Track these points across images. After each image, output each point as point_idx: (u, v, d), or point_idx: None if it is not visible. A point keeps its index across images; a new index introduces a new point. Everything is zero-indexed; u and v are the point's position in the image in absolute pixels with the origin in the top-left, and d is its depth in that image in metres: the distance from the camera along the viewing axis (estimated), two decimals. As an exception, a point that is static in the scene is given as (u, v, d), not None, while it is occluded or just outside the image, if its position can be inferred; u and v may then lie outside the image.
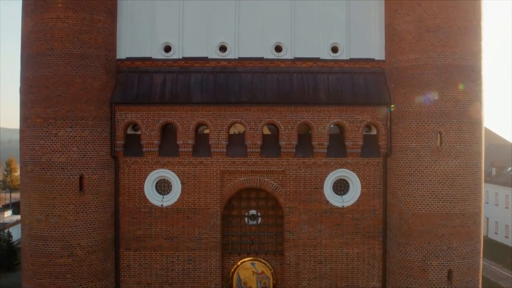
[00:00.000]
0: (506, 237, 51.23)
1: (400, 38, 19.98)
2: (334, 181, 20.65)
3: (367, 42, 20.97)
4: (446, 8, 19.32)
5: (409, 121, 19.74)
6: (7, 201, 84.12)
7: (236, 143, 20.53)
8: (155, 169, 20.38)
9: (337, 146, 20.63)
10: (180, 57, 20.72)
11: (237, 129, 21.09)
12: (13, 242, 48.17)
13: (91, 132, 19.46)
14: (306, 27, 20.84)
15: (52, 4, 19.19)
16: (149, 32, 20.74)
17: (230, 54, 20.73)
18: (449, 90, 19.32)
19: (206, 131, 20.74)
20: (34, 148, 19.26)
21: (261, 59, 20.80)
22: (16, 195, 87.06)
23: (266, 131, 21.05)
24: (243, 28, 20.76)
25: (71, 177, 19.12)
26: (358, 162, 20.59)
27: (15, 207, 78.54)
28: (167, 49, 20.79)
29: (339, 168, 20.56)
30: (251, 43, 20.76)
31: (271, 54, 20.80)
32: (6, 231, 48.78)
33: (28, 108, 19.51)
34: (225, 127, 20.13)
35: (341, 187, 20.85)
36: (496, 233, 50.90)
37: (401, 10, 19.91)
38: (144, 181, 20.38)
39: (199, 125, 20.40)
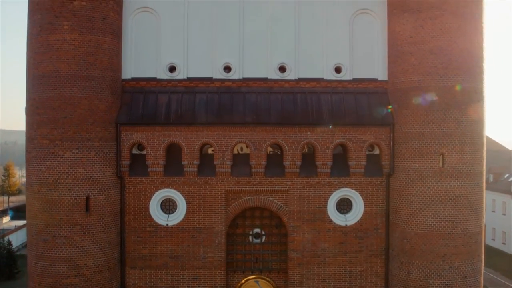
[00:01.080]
0: (503, 243, 51.78)
1: (403, 59, 20.23)
2: (337, 200, 20.91)
3: (370, 62, 21.22)
4: (449, 31, 19.58)
5: (412, 142, 20.00)
6: (5, 206, 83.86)
7: (240, 162, 20.73)
8: (160, 189, 20.55)
9: (341, 166, 20.87)
10: (185, 77, 20.91)
11: (240, 145, 21.28)
12: (13, 249, 48.23)
13: (97, 153, 19.61)
14: (310, 47, 21.07)
15: (58, 26, 19.31)
16: (154, 52, 20.90)
17: (234, 75, 20.94)
18: (451, 112, 19.59)
19: (211, 150, 20.96)
20: (40, 169, 19.39)
21: (265, 79, 21.03)
22: (13, 199, 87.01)
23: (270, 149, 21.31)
24: (248, 49, 20.98)
25: (77, 198, 19.28)
26: (361, 182, 20.84)
27: (14, 212, 78.49)
28: (172, 69, 20.96)
29: (343, 187, 20.80)
30: (255, 64, 20.97)
31: (275, 75, 21.03)
32: (6, 238, 48.77)
33: (34, 129, 19.64)
34: (230, 147, 20.33)
35: (344, 205, 21.10)
36: (493, 239, 51.38)
37: (404, 32, 20.16)
38: (150, 201, 20.55)
39: (204, 145, 20.63)
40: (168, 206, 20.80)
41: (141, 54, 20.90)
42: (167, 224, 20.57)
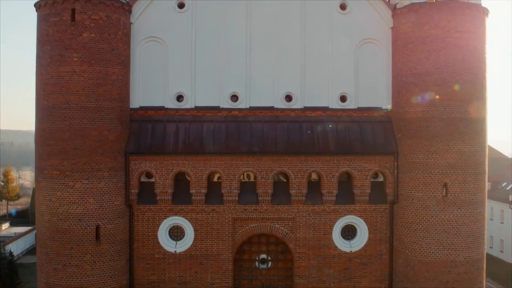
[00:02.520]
0: (501, 251, 52.39)
1: (408, 90, 20.59)
2: (342, 226, 21.28)
3: (374, 91, 21.60)
4: (452, 63, 19.93)
5: (416, 171, 20.39)
6: (4, 212, 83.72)
7: (247, 190, 21.07)
8: (168, 216, 20.89)
9: (345, 193, 21.24)
10: (193, 106, 21.23)
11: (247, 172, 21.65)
12: (14, 259, 48.28)
13: (107, 183, 19.91)
14: (316, 77, 21.41)
15: (67, 58, 19.56)
16: (162, 81, 21.19)
17: (241, 104, 21.28)
18: (454, 143, 19.98)
19: (218, 177, 21.28)
20: (51, 200, 19.69)
21: (271, 108, 21.36)
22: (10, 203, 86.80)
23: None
24: (254, 78, 21.30)
25: (87, 227, 19.59)
26: (365, 209, 21.24)
27: (12, 217, 78.39)
28: (180, 98, 21.27)
29: (347, 214, 21.19)
30: (262, 93, 21.31)
31: (282, 104, 21.37)
32: (7, 248, 48.73)
33: (44, 159, 19.92)
34: (237, 176, 20.67)
35: (349, 232, 21.49)
36: (491, 247, 51.86)
37: (408, 63, 20.51)
38: (158, 228, 20.89)
39: (211, 173, 20.96)
40: (176, 233, 21.15)
41: (149, 83, 21.19)
42: (175, 251, 20.91)
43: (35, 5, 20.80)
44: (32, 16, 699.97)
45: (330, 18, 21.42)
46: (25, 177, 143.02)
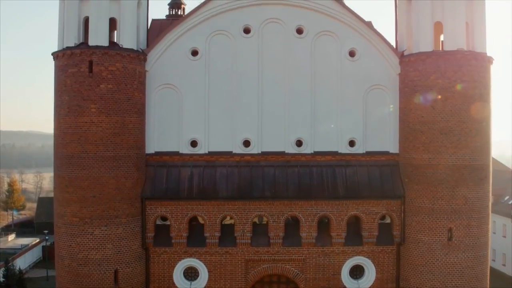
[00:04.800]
0: (503, 265, 53.16)
1: (414, 137, 21.25)
2: (351, 267, 22.00)
3: (382, 136, 22.28)
4: (458, 112, 20.59)
5: (422, 216, 21.09)
6: (9, 222, 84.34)
7: (259, 232, 21.80)
8: (183, 258, 21.63)
9: (354, 235, 21.96)
10: (206, 152, 21.92)
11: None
12: (22, 272, 48.92)
13: (124, 229, 20.65)
14: (325, 122, 22.11)
15: (85, 108, 20.25)
16: (176, 127, 21.87)
17: (253, 149, 21.97)
18: (459, 189, 20.66)
19: (230, 218, 22.00)
20: (70, 245, 20.44)
21: (282, 153, 22.05)
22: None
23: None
24: (266, 124, 21.98)
25: (106, 272, 20.34)
26: (373, 250, 21.97)
27: (18, 228, 79.03)
28: (194, 143, 21.93)
29: (356, 255, 21.92)
30: (273, 138, 21.99)
31: (292, 149, 22.04)
32: (17, 266, 49.25)
33: (63, 206, 20.64)
34: (249, 220, 21.41)
35: (357, 272, 22.22)
36: (493, 260, 52.59)
37: (415, 111, 21.16)
38: (173, 269, 21.63)
39: (225, 217, 21.70)
40: (190, 274, 21.89)
41: (164, 128, 21.86)
42: (190, 291, 21.74)
43: (52, 54, 21.46)
44: (32, 17, 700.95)
45: (339, 65, 22.11)
46: (28, 181, 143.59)
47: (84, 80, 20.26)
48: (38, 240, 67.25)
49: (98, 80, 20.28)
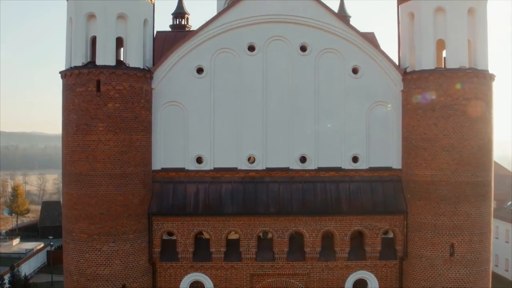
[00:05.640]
0: (506, 270, 53.36)
1: (417, 153, 21.54)
2: (354, 281, 22.33)
3: (385, 152, 22.59)
4: (460, 129, 20.87)
5: (424, 231, 21.39)
6: (13, 225, 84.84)
7: (264, 247, 22.13)
8: (189, 273, 22.01)
9: (357, 250, 22.28)
10: (212, 168, 22.26)
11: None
12: (28, 281, 49.42)
13: (132, 245, 21.02)
14: (329, 138, 22.43)
15: (93, 127, 20.61)
16: (182, 144, 22.22)
17: (258, 165, 22.31)
18: (461, 205, 20.95)
19: (235, 233, 22.33)
20: (79, 261, 20.82)
21: (287, 169, 22.38)
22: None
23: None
24: (270, 141, 22.31)
25: (114, 287, 20.69)
26: (376, 264, 22.28)
27: (23, 232, 79.54)
28: (199, 160, 22.29)
29: (359, 270, 22.26)
30: (277, 154, 22.33)
31: (296, 165, 22.37)
32: (21, 270, 49.75)
33: (72, 222, 21.02)
34: (254, 235, 21.76)
35: (360, 285, 22.52)
36: (496, 266, 52.84)
37: (418, 128, 21.45)
38: (180, 284, 22.03)
39: (230, 232, 22.03)
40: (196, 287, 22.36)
41: (170, 145, 22.22)
42: (196, 305, 22.10)
43: (60, 73, 21.85)
44: (32, 17, 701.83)
45: (343, 82, 22.43)
46: (32, 183, 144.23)
47: (92, 99, 20.64)
48: (42, 244, 67.82)
49: (106, 99, 20.65)
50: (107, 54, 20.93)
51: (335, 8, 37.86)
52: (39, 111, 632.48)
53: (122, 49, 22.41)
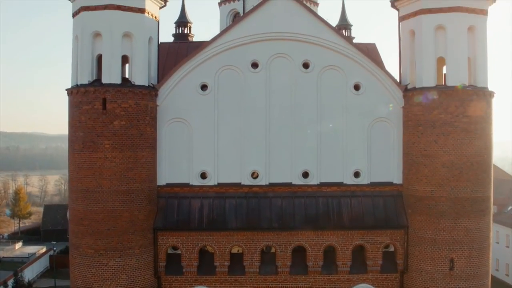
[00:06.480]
0: (507, 275, 53.81)
1: (417, 169, 21.91)
2: (355, 294, 22.83)
3: (386, 167, 22.97)
4: (460, 146, 21.23)
5: (424, 246, 21.76)
6: (16, 228, 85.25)
7: (267, 261, 22.52)
8: (194, 286, 22.41)
9: (359, 263, 22.66)
10: (216, 183, 22.65)
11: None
12: (30, 283, 49.93)
13: (138, 260, 21.40)
14: (331, 154, 22.81)
15: (100, 144, 20.99)
16: (187, 160, 22.61)
17: (261, 181, 22.71)
18: (461, 221, 21.32)
19: (239, 248, 22.73)
20: (86, 275, 21.21)
21: (289, 185, 22.77)
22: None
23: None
24: (273, 156, 22.69)
25: (120, 301, 21.17)
26: (377, 278, 22.67)
27: (25, 235, 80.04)
28: (203, 175, 22.67)
29: (360, 283, 22.65)
30: (280, 170, 22.71)
31: (299, 180, 22.76)
32: (24, 275, 50.21)
33: (79, 238, 21.40)
34: (258, 249, 22.14)
35: (361, 297, 23.03)
36: (497, 270, 53.29)
37: (418, 144, 21.82)
38: (184, 297, 22.48)
39: (234, 246, 22.44)
40: (201, 301, 22.74)
41: (175, 161, 22.60)
42: (200, 318, 22.50)
43: (66, 90, 22.23)
44: (32, 17, 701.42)
45: (345, 98, 22.81)
46: (33, 184, 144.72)
47: (98, 117, 21.01)
48: (44, 248, 68.36)
49: (112, 117, 21.02)
50: (113, 72, 21.31)
51: (337, 17, 38.45)
52: (39, 111, 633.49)
53: (127, 65, 22.80)
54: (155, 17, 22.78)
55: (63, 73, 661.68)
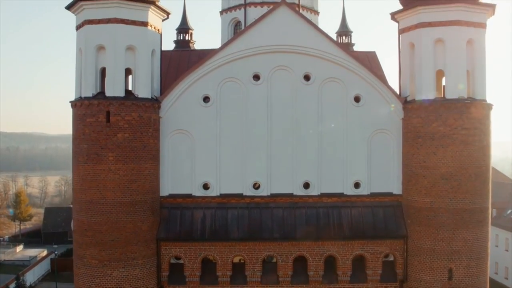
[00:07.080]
0: (506, 278, 54.17)
1: (417, 180, 22.22)
2: (355, 302, 23.13)
3: (386, 178, 23.28)
4: (459, 158, 21.54)
5: (423, 256, 22.08)
6: (16, 231, 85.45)
7: (269, 270, 22.83)
8: (196, 295, 22.77)
9: (359, 272, 22.96)
10: (218, 194, 22.95)
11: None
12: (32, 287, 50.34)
13: (141, 270, 21.71)
14: (331, 165, 23.13)
15: (103, 156, 21.28)
16: (189, 171, 22.92)
17: (263, 191, 23.02)
18: (459, 231, 21.64)
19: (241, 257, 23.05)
20: (90, 286, 21.52)
21: (290, 195, 23.08)
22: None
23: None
24: (275, 168, 23.00)
25: (124, 311, 21.47)
26: (377, 287, 22.95)
27: (26, 238, 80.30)
28: (206, 186, 22.98)
29: (360, 292, 23.02)
30: (281, 181, 23.02)
31: (300, 191, 23.07)
32: (26, 279, 50.48)
33: (83, 248, 21.70)
34: (259, 259, 22.46)
35: (361, 306, 23.33)
36: (496, 273, 53.67)
37: (418, 156, 22.13)
38: (187, 306, 22.78)
39: (236, 256, 22.74)
40: (203, 310, 23.01)
41: (177, 172, 22.89)
42: (202, 327, 22.79)
43: (70, 103, 22.51)
44: (32, 17, 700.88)
45: (345, 110, 23.12)
46: (33, 185, 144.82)
47: (102, 130, 21.30)
48: (45, 251, 68.64)
49: (115, 129, 21.31)
50: (116, 85, 21.59)
51: (337, 24, 38.75)
52: (39, 111, 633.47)
53: (130, 76, 23.07)
54: (158, 30, 23.06)
55: (63, 73, 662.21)
